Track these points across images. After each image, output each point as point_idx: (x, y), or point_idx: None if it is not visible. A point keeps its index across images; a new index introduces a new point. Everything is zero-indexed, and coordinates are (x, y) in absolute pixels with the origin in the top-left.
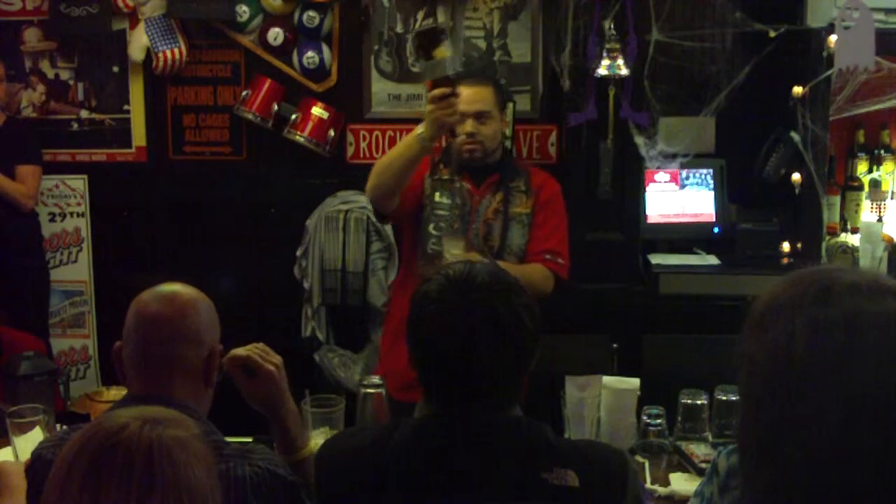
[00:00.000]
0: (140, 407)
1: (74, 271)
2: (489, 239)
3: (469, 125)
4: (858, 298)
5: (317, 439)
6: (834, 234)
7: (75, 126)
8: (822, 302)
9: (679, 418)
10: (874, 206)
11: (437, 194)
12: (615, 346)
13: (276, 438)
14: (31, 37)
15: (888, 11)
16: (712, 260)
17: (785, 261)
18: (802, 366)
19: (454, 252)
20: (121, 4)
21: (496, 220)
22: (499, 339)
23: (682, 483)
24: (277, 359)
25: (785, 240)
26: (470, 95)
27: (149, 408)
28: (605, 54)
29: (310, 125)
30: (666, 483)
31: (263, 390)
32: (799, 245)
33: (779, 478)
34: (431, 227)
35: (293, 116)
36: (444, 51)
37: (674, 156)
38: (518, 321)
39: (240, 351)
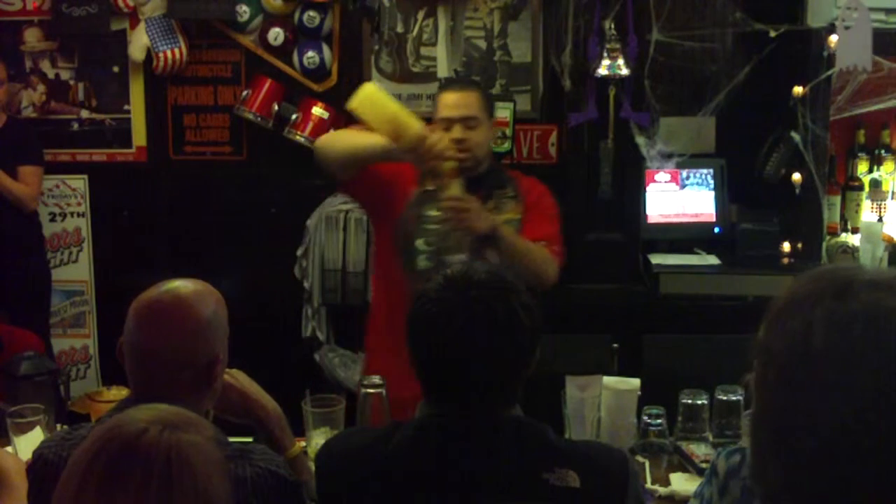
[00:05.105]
0: (155, 406)
1: (75, 271)
2: None
3: (457, 131)
4: (878, 293)
5: (317, 439)
6: (834, 234)
7: (75, 126)
8: (842, 296)
9: (679, 418)
10: (874, 206)
11: (428, 208)
12: (615, 346)
13: (263, 443)
14: (32, 37)
15: (888, 11)
16: (712, 260)
17: (785, 261)
18: (820, 357)
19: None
20: (121, 4)
21: None
22: (496, 338)
23: (682, 483)
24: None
25: (785, 240)
26: (455, 100)
27: (164, 408)
28: (605, 54)
29: (310, 125)
30: (666, 483)
31: (220, 403)
32: (799, 245)
33: (791, 469)
34: (421, 241)
35: (293, 116)
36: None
37: (673, 156)
38: (515, 320)
39: None
